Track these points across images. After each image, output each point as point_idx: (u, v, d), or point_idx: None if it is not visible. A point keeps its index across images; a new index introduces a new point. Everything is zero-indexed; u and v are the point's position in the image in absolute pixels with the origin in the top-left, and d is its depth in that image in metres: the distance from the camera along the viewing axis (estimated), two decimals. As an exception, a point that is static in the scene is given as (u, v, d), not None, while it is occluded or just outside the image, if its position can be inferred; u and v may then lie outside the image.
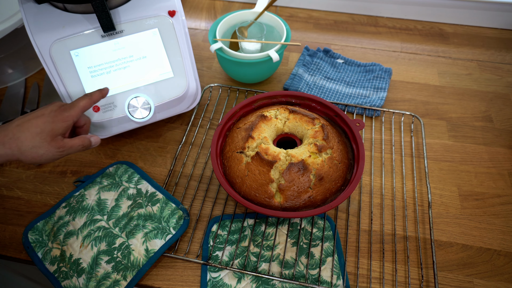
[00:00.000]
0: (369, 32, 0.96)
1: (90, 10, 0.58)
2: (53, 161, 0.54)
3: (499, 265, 0.57)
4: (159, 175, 0.68)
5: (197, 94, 0.71)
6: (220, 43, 0.73)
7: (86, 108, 0.56)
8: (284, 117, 0.62)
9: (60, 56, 0.59)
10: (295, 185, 0.55)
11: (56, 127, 0.52)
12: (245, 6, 1.04)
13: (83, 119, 0.58)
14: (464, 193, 0.65)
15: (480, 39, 0.94)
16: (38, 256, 0.57)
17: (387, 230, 0.61)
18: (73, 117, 0.54)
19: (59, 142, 0.53)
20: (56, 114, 0.53)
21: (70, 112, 0.54)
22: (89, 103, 0.56)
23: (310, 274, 0.55)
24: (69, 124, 0.54)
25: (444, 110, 0.78)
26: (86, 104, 0.56)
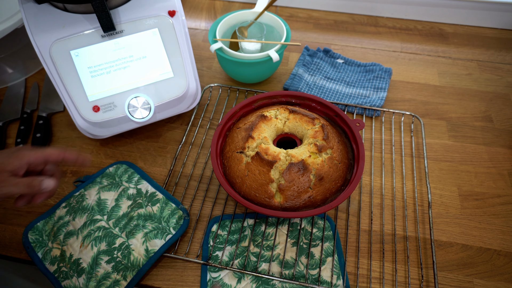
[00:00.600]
0: (369, 32, 0.96)
1: (90, 10, 0.58)
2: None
3: (499, 265, 0.57)
4: (159, 175, 0.68)
5: (197, 94, 0.71)
6: (220, 43, 0.73)
7: (51, 156, 0.51)
8: (284, 117, 0.62)
9: (60, 56, 0.59)
10: (295, 185, 0.55)
11: (7, 161, 0.49)
12: (245, 6, 1.04)
13: (55, 154, 0.51)
14: (464, 193, 0.65)
15: (480, 39, 0.94)
16: (38, 256, 0.57)
17: (387, 230, 0.61)
18: (28, 157, 0.50)
19: (2, 177, 0.48)
20: (15, 150, 0.51)
21: (28, 152, 0.50)
22: (57, 154, 0.51)
23: (310, 274, 0.55)
24: (21, 163, 0.49)
25: (444, 110, 0.78)
26: (54, 153, 0.51)
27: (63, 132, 0.75)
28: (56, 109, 0.78)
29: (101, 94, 0.63)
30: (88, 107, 0.63)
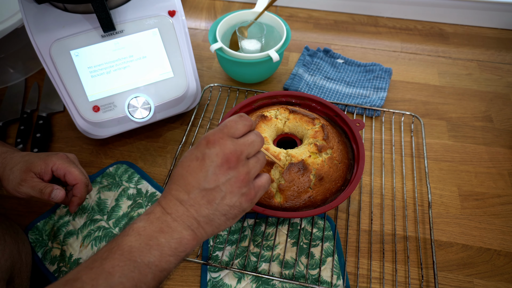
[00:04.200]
0: (369, 32, 0.96)
1: (90, 10, 0.58)
2: (12, 193, 0.51)
3: (499, 265, 0.57)
4: (159, 175, 0.68)
5: (197, 94, 0.71)
6: (220, 43, 0.73)
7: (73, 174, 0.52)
8: (284, 117, 0.62)
9: (60, 56, 0.59)
10: (295, 185, 0.55)
11: (36, 163, 0.51)
12: (245, 6, 1.04)
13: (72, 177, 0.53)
14: (464, 193, 0.65)
15: (480, 39, 0.94)
16: (38, 256, 0.57)
17: (387, 230, 0.61)
18: (53, 164, 0.52)
19: (27, 177, 0.51)
20: (46, 155, 0.53)
21: (56, 160, 0.52)
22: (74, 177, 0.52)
23: (310, 274, 0.55)
24: (47, 168, 0.52)
25: (444, 110, 0.78)
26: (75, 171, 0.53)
27: (63, 132, 0.75)
28: (56, 109, 0.78)
29: (101, 94, 0.63)
30: (88, 107, 0.63)
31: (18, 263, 0.51)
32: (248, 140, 0.40)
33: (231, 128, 0.40)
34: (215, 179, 0.38)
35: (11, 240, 0.51)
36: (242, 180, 0.39)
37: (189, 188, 0.38)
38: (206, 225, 0.39)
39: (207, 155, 0.38)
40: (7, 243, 0.50)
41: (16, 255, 0.51)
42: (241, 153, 0.39)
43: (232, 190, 0.39)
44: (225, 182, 0.38)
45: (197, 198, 0.38)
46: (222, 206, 0.39)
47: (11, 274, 0.49)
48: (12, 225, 0.54)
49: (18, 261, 0.51)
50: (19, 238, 0.53)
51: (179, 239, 0.37)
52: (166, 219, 0.38)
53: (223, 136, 0.39)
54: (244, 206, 0.40)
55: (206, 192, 0.38)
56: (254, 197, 0.41)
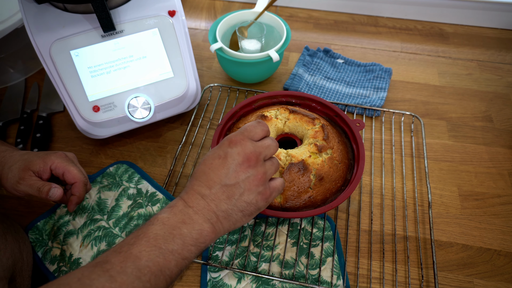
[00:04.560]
0: (369, 32, 0.96)
1: (90, 10, 0.58)
2: (11, 191, 0.52)
3: (499, 265, 0.57)
4: (159, 175, 0.68)
5: (197, 94, 0.71)
6: (220, 43, 0.73)
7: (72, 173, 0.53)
8: (284, 117, 0.62)
9: (60, 56, 0.59)
10: (295, 185, 0.55)
11: (34, 162, 0.52)
12: (245, 6, 1.04)
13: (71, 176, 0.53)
14: (464, 193, 0.65)
15: (480, 39, 0.94)
16: (38, 256, 0.57)
17: (387, 230, 0.61)
18: (52, 163, 0.52)
19: (25, 175, 0.51)
20: (45, 154, 0.53)
21: (54, 159, 0.52)
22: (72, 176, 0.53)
23: (310, 274, 0.55)
24: (45, 167, 0.52)
25: (444, 110, 0.78)
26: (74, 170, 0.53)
27: (63, 132, 0.75)
28: (56, 109, 0.78)
29: (101, 94, 0.63)
30: (88, 107, 0.63)
31: (19, 262, 0.51)
32: (265, 143, 0.44)
33: (250, 132, 0.44)
34: (236, 176, 0.41)
35: (12, 239, 0.51)
36: (260, 179, 0.42)
37: (211, 183, 0.41)
38: (224, 220, 0.41)
39: (229, 154, 0.42)
40: (8, 241, 0.50)
41: (18, 254, 0.51)
42: (259, 154, 0.43)
43: (250, 187, 0.42)
44: (245, 179, 0.41)
45: (218, 193, 0.41)
46: (240, 202, 0.42)
47: (12, 272, 0.49)
48: (12, 224, 0.54)
49: (19, 259, 0.51)
50: (19, 237, 0.54)
51: (200, 231, 0.40)
52: (188, 211, 0.40)
53: (244, 137, 0.43)
54: (259, 204, 0.43)
55: (227, 188, 0.41)
56: (269, 196, 0.44)
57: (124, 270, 0.35)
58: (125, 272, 0.35)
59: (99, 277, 0.34)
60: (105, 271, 0.34)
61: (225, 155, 0.42)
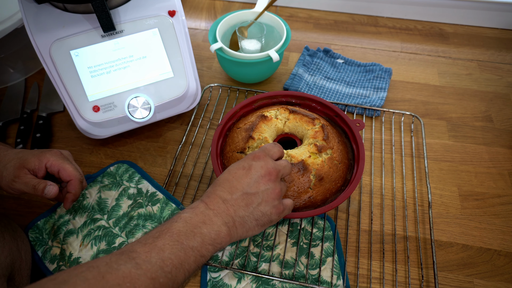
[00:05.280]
0: (369, 32, 0.96)
1: (90, 10, 0.58)
2: (6, 190, 0.52)
3: (499, 265, 0.57)
4: (159, 175, 0.68)
5: (197, 94, 0.71)
6: (220, 43, 0.73)
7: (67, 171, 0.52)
8: (284, 117, 0.62)
9: (60, 56, 0.59)
10: (295, 185, 0.55)
11: (29, 160, 0.52)
12: (245, 6, 1.04)
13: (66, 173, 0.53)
14: (464, 193, 0.65)
15: (480, 39, 0.94)
16: (38, 255, 0.57)
17: (387, 230, 0.61)
18: (47, 160, 0.52)
19: (20, 173, 0.51)
20: (40, 152, 0.53)
21: (49, 157, 0.52)
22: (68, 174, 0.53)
23: (310, 274, 0.55)
24: (41, 164, 0.52)
25: (444, 110, 0.78)
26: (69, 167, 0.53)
27: (63, 132, 0.75)
28: (56, 109, 0.78)
29: (101, 94, 0.63)
30: (88, 107, 0.63)
31: (18, 261, 0.51)
32: (283, 163, 0.49)
33: (270, 151, 0.49)
34: (257, 186, 0.45)
35: (10, 237, 0.51)
36: (277, 193, 0.46)
37: (233, 190, 0.45)
38: (239, 225, 0.44)
39: (253, 166, 0.46)
40: (6, 240, 0.50)
41: (16, 253, 0.51)
42: (278, 171, 0.47)
43: (268, 199, 0.45)
44: (264, 191, 0.45)
45: (238, 199, 0.44)
46: (256, 211, 0.45)
47: (11, 271, 0.49)
48: (10, 223, 0.54)
49: (18, 258, 0.51)
50: (17, 235, 0.53)
51: (218, 232, 0.42)
52: (209, 213, 0.43)
53: (266, 155, 0.48)
54: (273, 217, 0.46)
55: (247, 196, 0.45)
56: (282, 212, 0.47)
57: (149, 260, 0.37)
58: (149, 262, 0.37)
59: (125, 263, 0.36)
60: (132, 259, 0.37)
61: (249, 167, 0.46)
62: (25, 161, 0.51)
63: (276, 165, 0.47)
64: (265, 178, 0.46)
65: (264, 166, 0.46)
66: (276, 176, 0.46)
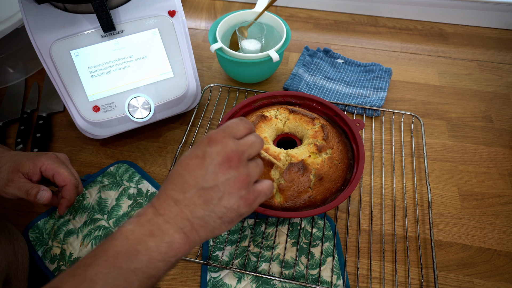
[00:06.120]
0: (369, 32, 0.96)
1: (90, 10, 0.58)
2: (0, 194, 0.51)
3: (499, 265, 0.57)
4: (159, 175, 0.68)
5: (197, 94, 0.71)
6: (220, 43, 0.73)
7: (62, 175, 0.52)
8: (284, 117, 0.62)
9: (60, 56, 0.59)
10: (295, 185, 0.55)
11: (24, 163, 0.51)
12: (245, 6, 1.04)
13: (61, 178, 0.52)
14: (464, 193, 0.65)
15: (480, 39, 0.94)
16: (38, 254, 0.57)
17: (387, 230, 0.61)
18: (41, 164, 0.51)
19: (14, 177, 0.50)
20: (35, 155, 0.52)
21: (44, 161, 0.52)
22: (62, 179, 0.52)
23: (310, 274, 0.55)
24: (35, 168, 0.51)
25: (444, 110, 0.78)
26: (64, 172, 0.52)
27: (63, 132, 0.75)
28: (56, 109, 0.78)
29: (101, 94, 0.63)
30: (88, 107, 0.63)
31: (14, 264, 0.50)
32: (249, 140, 0.40)
33: (232, 129, 0.39)
34: (214, 178, 0.37)
35: (5, 241, 0.50)
36: (243, 181, 0.38)
37: (186, 187, 0.36)
38: (200, 228, 0.37)
39: (208, 153, 0.37)
40: (1, 244, 0.49)
41: (12, 256, 0.50)
42: (242, 153, 0.38)
43: (231, 191, 0.37)
44: (225, 181, 0.37)
45: (194, 197, 0.36)
46: (218, 208, 0.37)
47: (7, 275, 0.48)
48: (6, 225, 0.54)
49: (14, 262, 0.50)
50: (14, 238, 0.53)
51: (170, 243, 0.35)
52: (158, 221, 0.35)
53: (225, 135, 0.38)
54: (241, 210, 0.38)
55: (204, 192, 0.36)
56: (253, 202, 0.39)
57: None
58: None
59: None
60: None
61: (203, 155, 0.37)
62: (19, 164, 0.51)
63: (238, 146, 0.38)
64: (224, 166, 0.37)
65: (221, 152, 0.37)
66: (239, 160, 0.38)
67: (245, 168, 0.38)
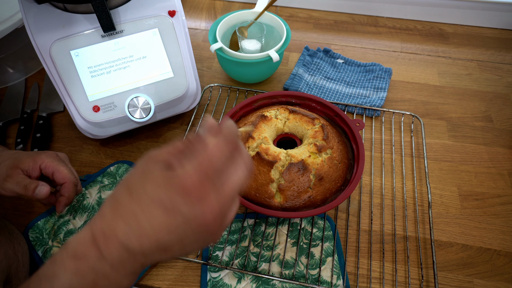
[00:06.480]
0: (369, 32, 0.96)
1: (90, 10, 0.58)
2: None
3: (499, 265, 0.57)
4: (159, 175, 0.68)
5: (197, 94, 0.71)
6: (220, 43, 0.73)
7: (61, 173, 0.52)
8: (284, 117, 0.62)
9: (60, 56, 0.59)
10: (295, 185, 0.55)
11: (23, 160, 0.51)
12: (245, 6, 1.04)
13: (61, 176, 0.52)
14: (464, 193, 0.65)
15: (480, 39, 0.94)
16: (38, 254, 0.57)
17: (387, 230, 0.61)
18: (41, 161, 0.51)
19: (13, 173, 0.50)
20: (35, 153, 0.53)
21: (44, 158, 0.52)
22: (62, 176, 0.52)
23: (310, 274, 0.55)
24: (35, 165, 0.51)
25: (444, 110, 0.78)
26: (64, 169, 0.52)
27: (63, 132, 0.75)
28: (56, 109, 0.78)
29: (101, 94, 0.63)
30: (88, 107, 0.63)
31: (14, 264, 0.50)
32: (236, 182, 0.29)
33: (215, 163, 0.28)
34: (183, 239, 0.29)
35: (5, 240, 0.50)
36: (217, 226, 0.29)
37: (144, 238, 0.28)
38: (158, 256, 0.30)
39: (179, 211, 0.27)
40: (1, 243, 0.49)
41: (12, 256, 0.50)
42: (226, 210, 0.29)
43: (198, 238, 0.29)
44: (193, 240, 0.29)
45: (153, 252, 0.29)
46: (182, 251, 0.30)
47: (7, 275, 0.48)
48: (6, 225, 0.54)
49: (14, 261, 0.50)
50: (14, 238, 0.53)
51: (117, 287, 0.29)
52: (104, 268, 0.28)
53: (205, 182, 0.28)
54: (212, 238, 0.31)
55: (165, 248, 0.29)
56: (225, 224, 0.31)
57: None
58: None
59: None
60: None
61: (172, 209, 0.27)
62: (19, 161, 0.51)
63: (222, 204, 0.28)
64: (201, 234, 0.29)
65: (199, 216, 0.28)
66: (220, 222, 0.29)
67: (213, 190, 0.28)
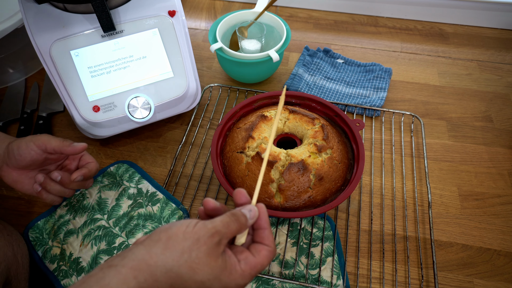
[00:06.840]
0: (369, 32, 0.96)
1: (90, 10, 0.58)
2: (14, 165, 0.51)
3: (499, 265, 0.57)
4: (159, 175, 0.68)
5: (197, 94, 0.71)
6: (220, 43, 0.73)
7: (89, 156, 0.56)
8: (284, 117, 0.62)
9: (60, 56, 0.59)
10: (295, 185, 0.55)
11: (52, 140, 0.51)
12: (245, 6, 1.04)
13: (90, 157, 0.56)
14: (464, 193, 0.65)
15: (480, 39, 0.94)
16: (38, 254, 0.57)
17: (387, 230, 0.61)
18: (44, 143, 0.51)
19: (42, 137, 0.51)
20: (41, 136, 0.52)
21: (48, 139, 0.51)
22: (54, 145, 0.51)
23: (310, 274, 0.55)
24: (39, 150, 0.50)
25: (444, 110, 0.78)
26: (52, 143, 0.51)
27: (63, 132, 0.75)
28: (56, 109, 0.78)
29: (101, 94, 0.63)
30: (88, 107, 0.63)
31: (14, 266, 0.50)
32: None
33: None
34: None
35: (4, 242, 0.50)
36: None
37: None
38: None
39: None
40: (0, 245, 0.49)
41: (11, 258, 0.50)
42: None
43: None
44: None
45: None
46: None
47: (7, 277, 0.48)
48: (5, 227, 0.54)
49: (13, 263, 0.50)
50: (13, 239, 0.53)
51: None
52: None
53: None
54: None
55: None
56: None
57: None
58: None
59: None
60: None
61: None
62: (46, 140, 0.51)
63: None
64: None
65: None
66: None
67: None
